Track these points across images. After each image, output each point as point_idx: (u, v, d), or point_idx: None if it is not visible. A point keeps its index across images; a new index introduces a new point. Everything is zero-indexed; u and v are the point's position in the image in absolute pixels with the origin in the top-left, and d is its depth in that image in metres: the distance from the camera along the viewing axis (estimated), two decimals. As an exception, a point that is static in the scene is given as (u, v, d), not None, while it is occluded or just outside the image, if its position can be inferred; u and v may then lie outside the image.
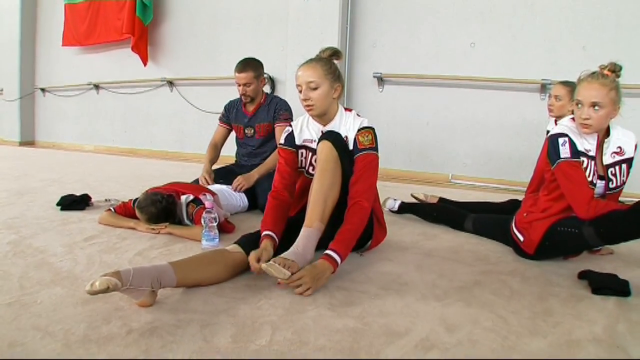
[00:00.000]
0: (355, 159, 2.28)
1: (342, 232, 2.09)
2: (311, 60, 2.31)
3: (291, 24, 5.93)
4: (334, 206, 2.19)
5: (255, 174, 3.37)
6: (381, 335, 1.57)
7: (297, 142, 2.44)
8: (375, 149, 2.31)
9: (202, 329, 1.57)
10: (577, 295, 2.00)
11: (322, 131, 2.38)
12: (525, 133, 5.12)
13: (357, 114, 2.40)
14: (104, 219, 2.92)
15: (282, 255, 1.96)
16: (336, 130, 2.34)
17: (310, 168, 2.42)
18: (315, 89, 2.24)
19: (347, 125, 2.35)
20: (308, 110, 2.32)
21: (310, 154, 2.42)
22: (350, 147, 2.31)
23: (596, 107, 2.22)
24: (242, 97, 3.55)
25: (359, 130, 2.31)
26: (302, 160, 2.46)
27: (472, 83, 5.34)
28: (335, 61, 2.37)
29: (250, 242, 2.13)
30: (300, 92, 2.27)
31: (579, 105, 2.28)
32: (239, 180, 3.31)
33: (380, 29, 5.79)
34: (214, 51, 6.93)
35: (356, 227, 2.15)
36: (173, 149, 7.40)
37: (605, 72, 2.27)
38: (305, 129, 2.44)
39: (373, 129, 2.34)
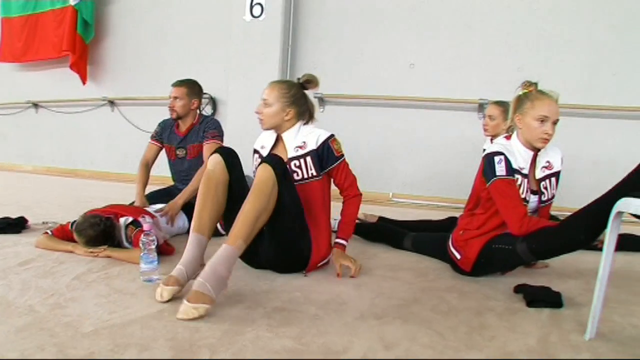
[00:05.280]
0: (333, 169, 2.57)
1: (342, 225, 2.61)
2: (278, 81, 2.58)
3: (233, 44, 5.97)
4: (261, 228, 2.20)
5: (179, 200, 3.27)
6: (319, 354, 1.59)
7: (256, 146, 2.71)
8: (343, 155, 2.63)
9: (139, 353, 1.55)
10: (512, 308, 2.08)
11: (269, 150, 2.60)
12: (464, 152, 5.25)
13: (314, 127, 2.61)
14: (41, 243, 2.83)
15: (197, 282, 1.92)
16: (292, 138, 2.52)
17: None
18: (268, 106, 2.48)
19: (304, 132, 2.54)
20: (259, 122, 2.54)
21: (260, 160, 2.53)
22: (316, 145, 2.53)
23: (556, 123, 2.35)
24: (169, 110, 3.54)
25: (329, 138, 2.56)
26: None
27: (412, 103, 5.49)
28: (308, 88, 2.61)
29: None
30: None
31: (544, 122, 2.35)
32: (166, 211, 3.20)
33: (321, 49, 5.91)
34: (156, 71, 6.85)
35: (353, 216, 2.63)
36: (115, 170, 7.19)
37: (531, 89, 2.40)
38: (264, 136, 2.67)
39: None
